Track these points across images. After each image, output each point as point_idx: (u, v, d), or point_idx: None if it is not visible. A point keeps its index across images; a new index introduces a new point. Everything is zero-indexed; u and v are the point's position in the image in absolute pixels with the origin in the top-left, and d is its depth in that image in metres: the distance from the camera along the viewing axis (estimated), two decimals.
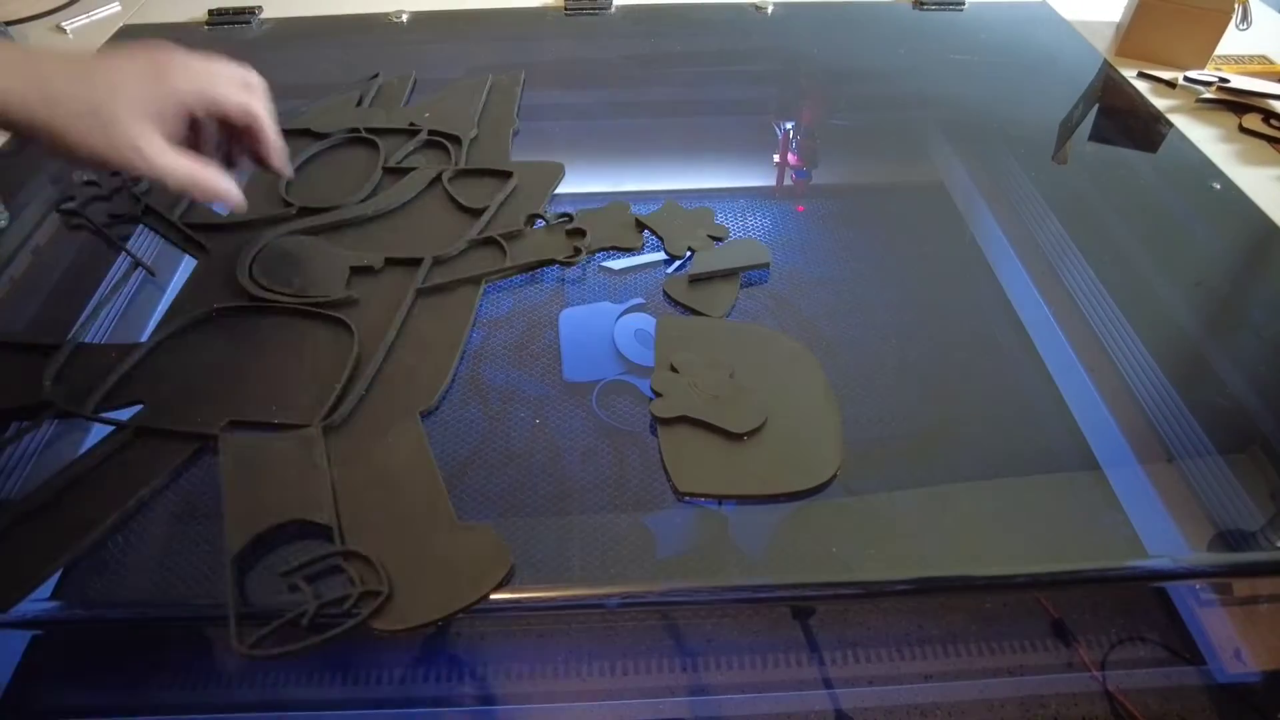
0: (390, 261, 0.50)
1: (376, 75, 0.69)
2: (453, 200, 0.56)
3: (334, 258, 0.50)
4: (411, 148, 0.60)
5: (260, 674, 0.40)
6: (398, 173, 0.58)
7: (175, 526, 0.38)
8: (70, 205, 0.55)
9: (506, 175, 0.58)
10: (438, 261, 0.51)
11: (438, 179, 0.57)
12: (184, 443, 0.41)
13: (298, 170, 0.58)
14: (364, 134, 0.61)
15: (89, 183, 0.56)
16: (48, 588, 0.36)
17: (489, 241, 0.53)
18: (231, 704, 0.39)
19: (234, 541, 0.36)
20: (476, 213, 0.54)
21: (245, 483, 0.38)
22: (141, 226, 0.54)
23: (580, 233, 0.54)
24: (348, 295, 0.47)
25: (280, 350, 0.45)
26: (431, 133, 0.61)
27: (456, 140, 0.61)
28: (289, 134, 0.62)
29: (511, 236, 0.53)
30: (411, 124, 0.62)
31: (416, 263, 0.50)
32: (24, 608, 0.35)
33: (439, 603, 0.34)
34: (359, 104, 0.66)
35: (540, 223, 0.55)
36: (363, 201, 0.55)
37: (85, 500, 0.38)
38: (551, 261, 0.52)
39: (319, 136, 0.61)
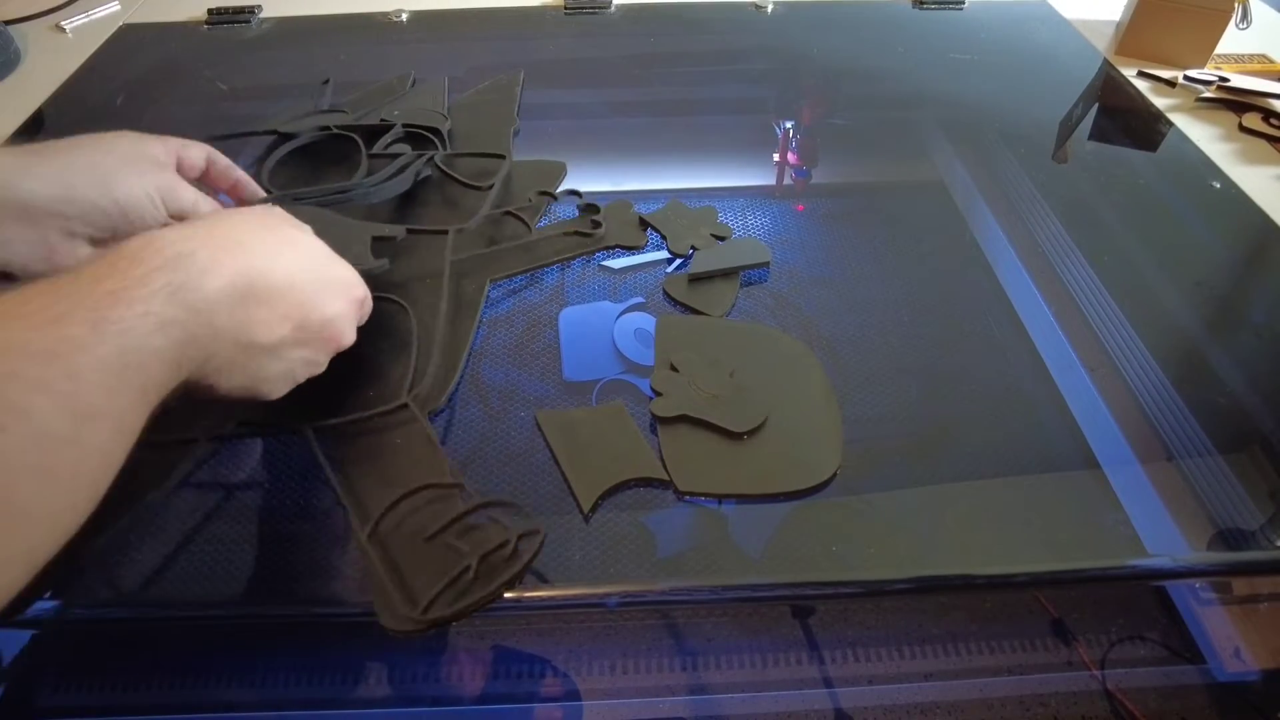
0: (411, 232, 0.49)
1: (327, 81, 0.68)
2: (452, 179, 0.55)
3: (353, 227, 0.48)
4: (391, 139, 0.58)
5: (260, 673, 0.40)
6: (385, 160, 0.56)
7: (177, 527, 0.38)
8: None
9: (499, 159, 0.57)
10: (459, 233, 0.50)
11: (430, 162, 0.56)
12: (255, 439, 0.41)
13: (275, 166, 0.57)
14: (336, 131, 0.59)
15: None
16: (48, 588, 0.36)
17: (506, 221, 0.53)
18: (231, 704, 0.39)
19: (366, 520, 0.36)
20: (478, 190, 0.54)
21: (363, 472, 0.38)
22: None
23: (594, 208, 0.54)
24: (380, 264, 0.44)
25: None
26: (407, 125, 0.60)
27: (435, 132, 0.60)
28: (256, 136, 0.60)
29: (525, 209, 0.53)
30: (383, 120, 0.61)
31: (435, 234, 0.50)
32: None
33: (453, 601, 0.34)
34: (316, 109, 0.64)
35: (549, 216, 0.55)
36: (360, 182, 0.53)
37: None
38: (575, 233, 0.52)
39: (288, 137, 0.59)
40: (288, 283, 0.33)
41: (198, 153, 0.44)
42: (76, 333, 0.24)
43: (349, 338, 0.37)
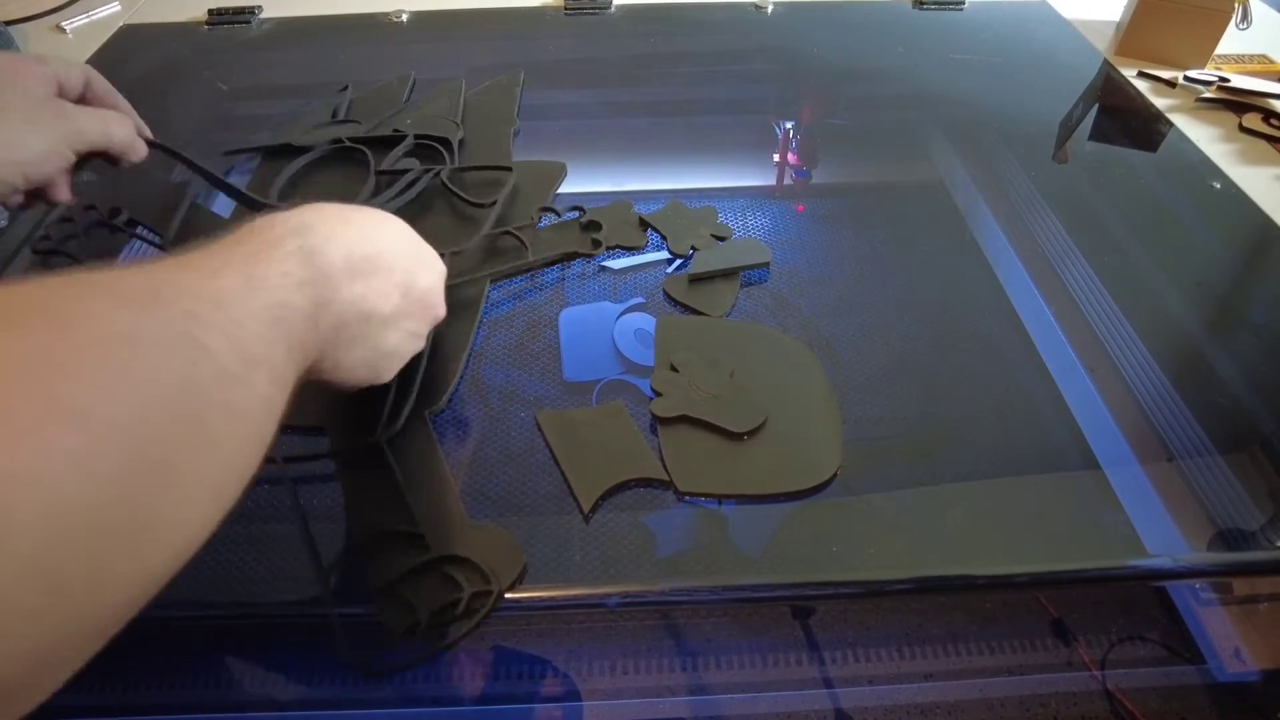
0: None
1: (346, 88, 0.68)
2: (456, 196, 0.55)
3: None
4: (401, 152, 0.59)
5: (261, 673, 0.40)
6: (392, 177, 0.57)
7: None
8: (47, 244, 0.52)
9: (505, 171, 0.57)
10: (455, 255, 0.50)
11: (436, 177, 0.56)
12: None
13: (286, 185, 0.57)
14: (348, 144, 0.59)
15: (65, 220, 0.54)
16: None
17: (504, 236, 0.52)
18: (232, 704, 0.39)
19: (329, 558, 0.36)
20: (481, 208, 0.54)
21: (333, 507, 0.38)
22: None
23: (596, 225, 0.54)
24: None
25: None
26: (418, 137, 0.60)
27: (445, 143, 0.60)
28: (270, 152, 0.60)
29: (526, 229, 0.53)
30: (396, 130, 0.61)
31: None
32: None
33: (387, 628, 0.34)
34: (334, 117, 0.64)
35: (551, 217, 0.55)
36: (365, 203, 0.54)
37: None
38: (573, 255, 0.52)
39: (300, 151, 0.59)
40: (392, 254, 0.35)
41: (77, 75, 0.44)
42: (233, 284, 0.25)
43: (443, 309, 0.39)
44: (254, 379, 0.24)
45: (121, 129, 0.44)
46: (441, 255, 0.49)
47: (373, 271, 0.33)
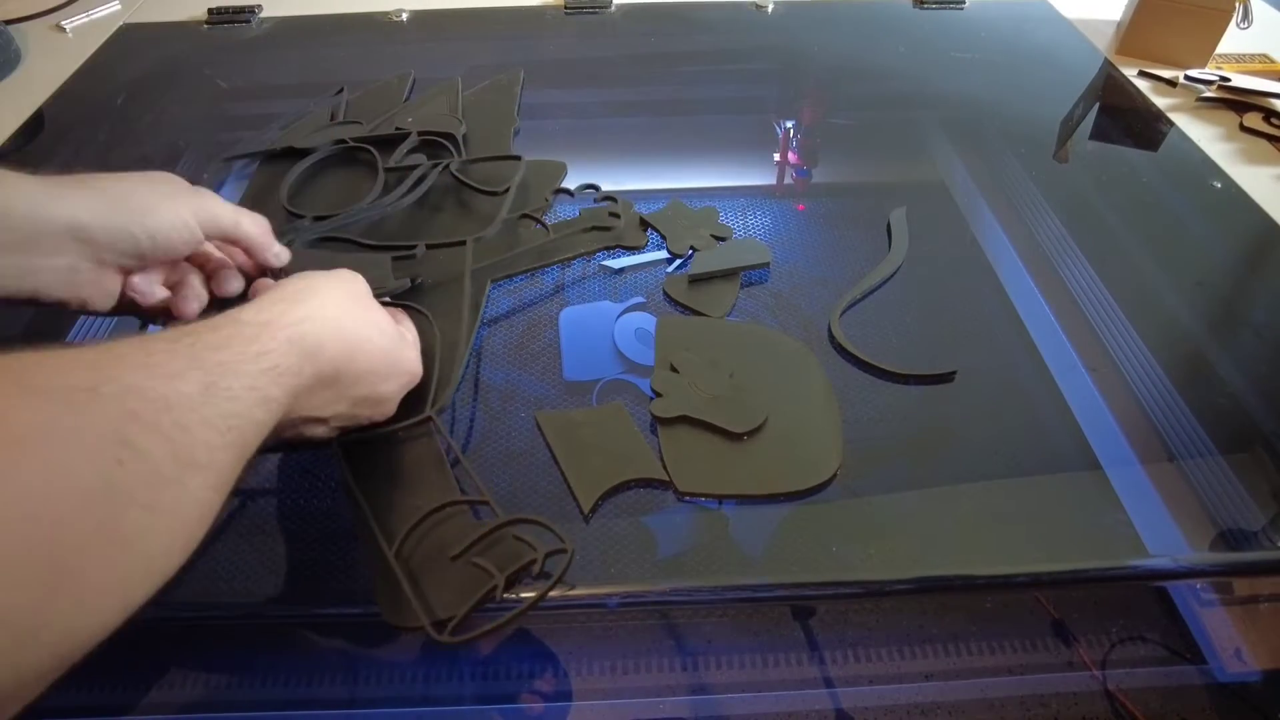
0: (429, 247, 0.50)
1: (341, 90, 0.67)
2: (468, 186, 0.55)
3: (372, 251, 0.49)
4: (407, 149, 0.58)
5: (261, 673, 0.40)
6: (401, 172, 0.56)
7: None
8: None
9: (515, 160, 0.57)
10: (478, 241, 0.50)
11: (445, 170, 0.56)
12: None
13: (295, 186, 0.56)
14: (353, 144, 0.59)
15: None
16: None
17: (518, 230, 0.53)
18: (232, 704, 0.39)
19: (392, 537, 0.36)
20: (494, 197, 0.54)
21: (382, 485, 0.38)
22: None
23: (612, 199, 0.54)
24: (401, 284, 0.46)
25: None
26: (422, 134, 0.60)
27: (450, 137, 0.60)
28: (271, 157, 0.60)
29: (541, 210, 0.53)
30: (398, 129, 0.61)
31: (455, 246, 0.50)
32: None
33: (459, 599, 0.34)
34: (332, 119, 0.64)
35: (565, 210, 0.56)
36: (377, 200, 0.53)
37: None
38: (593, 228, 0.53)
39: (303, 153, 0.59)
40: (364, 370, 0.35)
41: (228, 214, 0.41)
42: (189, 390, 0.25)
43: (390, 413, 0.39)
44: (190, 483, 0.24)
45: (255, 224, 0.41)
46: (463, 242, 0.50)
47: (335, 385, 0.33)
